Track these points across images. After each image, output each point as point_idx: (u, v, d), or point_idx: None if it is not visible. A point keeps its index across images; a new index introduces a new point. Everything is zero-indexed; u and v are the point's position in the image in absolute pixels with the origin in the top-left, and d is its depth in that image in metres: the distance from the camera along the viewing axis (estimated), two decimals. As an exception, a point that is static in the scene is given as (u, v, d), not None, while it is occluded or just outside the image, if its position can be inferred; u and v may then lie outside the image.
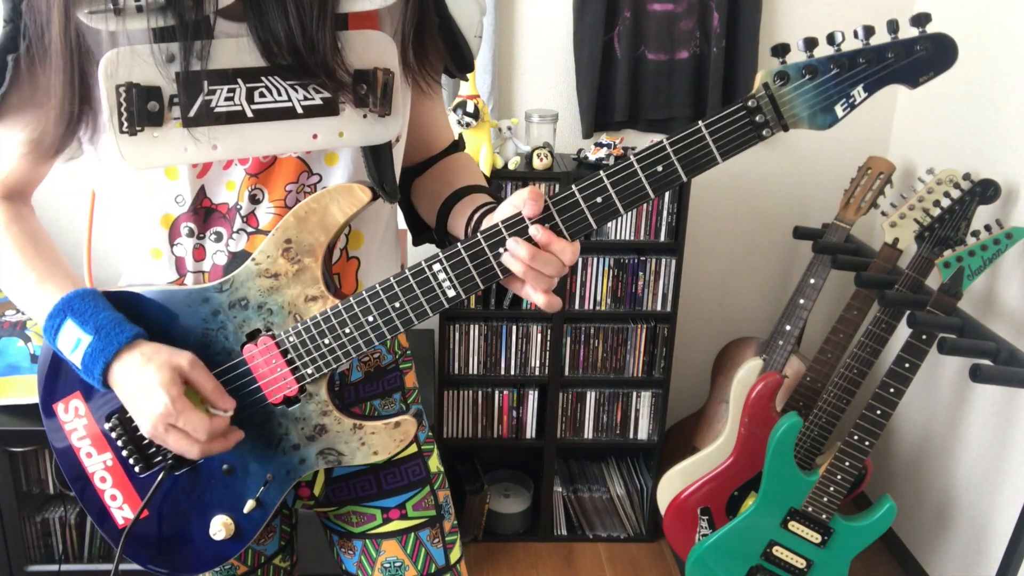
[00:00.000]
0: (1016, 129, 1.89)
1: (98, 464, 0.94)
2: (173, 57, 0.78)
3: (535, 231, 0.80)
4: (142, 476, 0.93)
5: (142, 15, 0.76)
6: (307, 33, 0.79)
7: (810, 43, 0.75)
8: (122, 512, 0.95)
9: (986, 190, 1.75)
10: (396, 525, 1.05)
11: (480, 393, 2.27)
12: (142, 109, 0.78)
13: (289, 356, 0.88)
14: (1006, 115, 1.92)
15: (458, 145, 1.08)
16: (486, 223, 0.87)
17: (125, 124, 0.78)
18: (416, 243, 1.10)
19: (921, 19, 0.74)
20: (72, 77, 0.78)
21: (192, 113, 0.80)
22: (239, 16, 0.80)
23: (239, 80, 0.81)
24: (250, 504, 0.92)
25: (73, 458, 0.94)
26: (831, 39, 0.75)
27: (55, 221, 2.25)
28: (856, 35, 0.75)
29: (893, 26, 0.75)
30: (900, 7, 2.30)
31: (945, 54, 0.74)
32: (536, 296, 0.83)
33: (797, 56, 0.76)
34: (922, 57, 0.74)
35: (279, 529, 1.10)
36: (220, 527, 0.93)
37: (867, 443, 1.75)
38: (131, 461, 0.92)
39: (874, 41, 0.75)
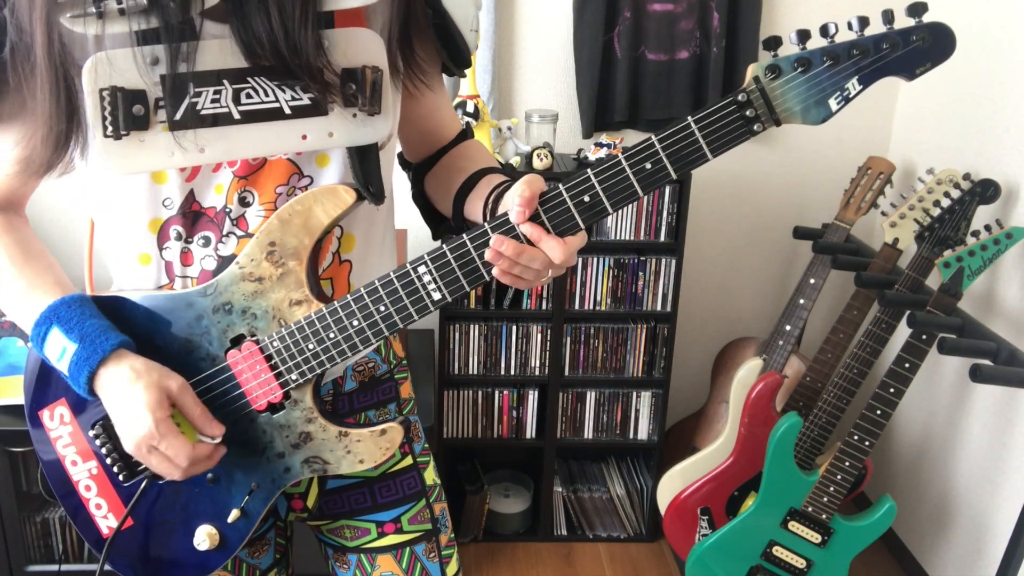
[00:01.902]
0: (1016, 129, 1.89)
1: (83, 472, 0.92)
2: (157, 60, 0.77)
3: (526, 229, 0.79)
4: (126, 485, 0.92)
5: (124, 18, 0.74)
6: (290, 35, 0.77)
7: (803, 35, 0.73)
8: (107, 521, 0.93)
9: (986, 190, 1.74)
10: (391, 539, 1.03)
11: (480, 393, 2.27)
12: (127, 113, 0.77)
13: (273, 361, 0.87)
14: (1006, 115, 1.92)
15: (466, 134, 1.06)
16: (501, 207, 0.86)
17: (109, 128, 0.77)
18: (436, 236, 1.08)
19: (918, 8, 0.72)
20: (59, 95, 0.77)
21: (178, 116, 0.78)
22: (223, 17, 0.79)
23: (225, 82, 0.79)
24: (235, 514, 0.91)
25: (58, 466, 0.93)
26: (824, 31, 0.73)
27: (56, 222, 2.26)
28: (850, 26, 0.73)
29: (888, 16, 0.72)
30: (899, 7, 2.30)
31: (943, 44, 0.72)
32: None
33: (790, 49, 0.74)
34: (919, 47, 0.72)
35: (273, 542, 1.07)
36: (204, 537, 0.91)
37: (867, 443, 1.75)
38: (115, 469, 0.91)
39: (869, 32, 0.73)
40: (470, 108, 1.99)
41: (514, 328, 2.21)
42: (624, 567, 2.34)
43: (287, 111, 0.82)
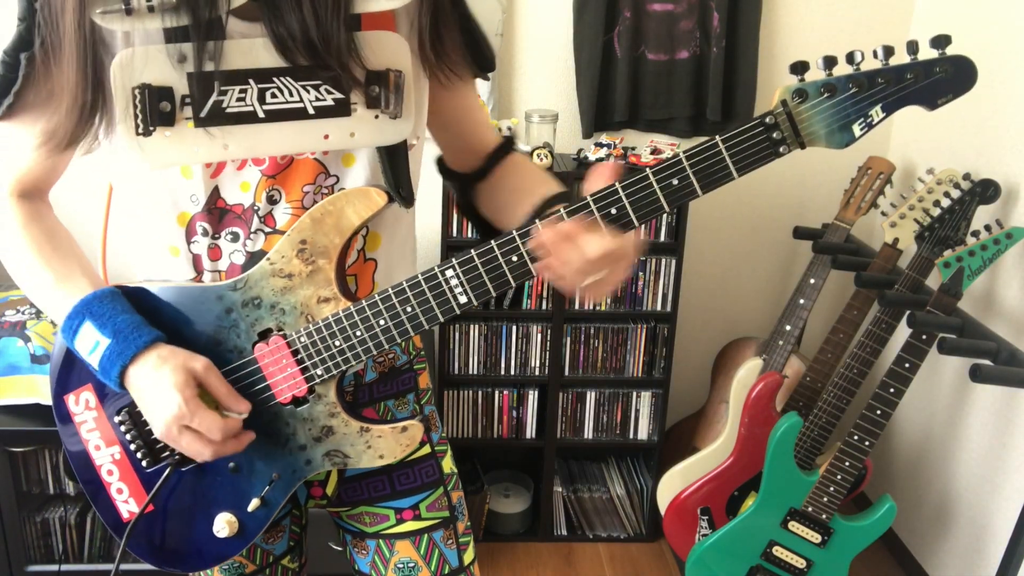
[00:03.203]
0: (1016, 129, 1.89)
1: (106, 457, 0.94)
2: (185, 57, 0.78)
3: (567, 225, 0.79)
4: (149, 471, 0.94)
5: (154, 15, 0.76)
6: (322, 27, 0.79)
7: (829, 61, 0.76)
8: (127, 506, 0.95)
9: (986, 190, 1.75)
10: (410, 526, 1.05)
11: (480, 393, 2.27)
12: (154, 109, 0.79)
13: (299, 356, 0.89)
14: (1006, 115, 1.92)
15: (511, 144, 1.07)
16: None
17: (141, 127, 0.79)
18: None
19: (941, 41, 0.74)
20: (85, 66, 0.79)
21: (204, 113, 0.80)
22: (252, 16, 0.81)
23: (251, 81, 0.81)
24: (255, 503, 0.93)
25: (81, 450, 0.95)
26: (850, 58, 0.76)
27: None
28: (876, 55, 0.75)
29: (913, 47, 0.75)
30: (900, 7, 2.30)
31: (965, 77, 0.74)
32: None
33: (817, 75, 0.77)
34: (941, 79, 0.75)
35: (288, 529, 1.10)
36: (224, 524, 0.93)
37: (867, 443, 1.75)
38: (139, 455, 0.93)
39: (893, 61, 0.75)
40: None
41: (514, 328, 2.21)
42: (624, 567, 2.34)
43: (310, 111, 0.84)
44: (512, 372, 2.26)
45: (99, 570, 2.09)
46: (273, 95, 0.82)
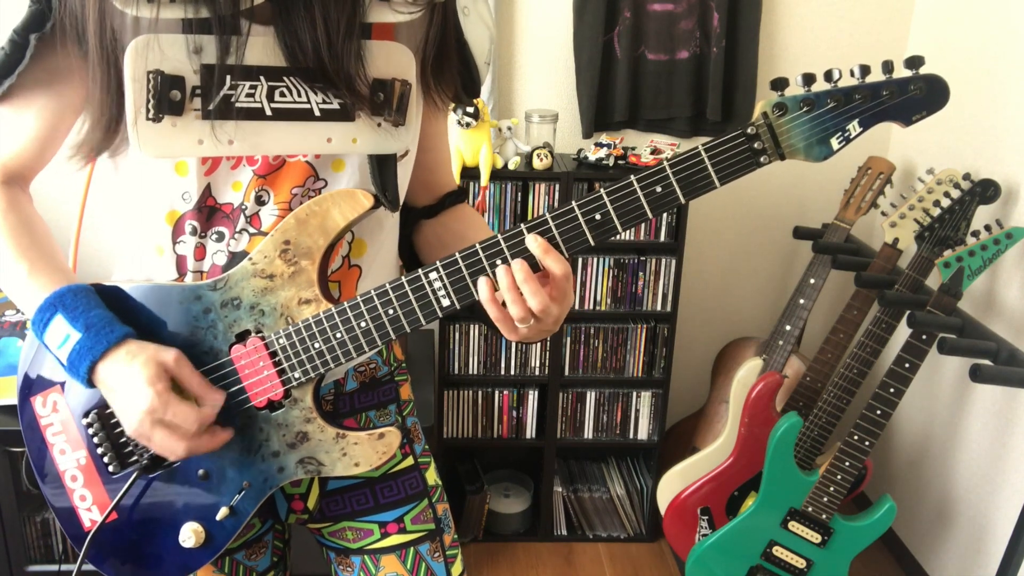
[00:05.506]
0: (1016, 129, 1.89)
1: (71, 462, 0.92)
2: (201, 49, 0.78)
3: (532, 240, 0.81)
4: (115, 477, 0.91)
5: (176, 5, 0.76)
6: (333, 45, 0.80)
7: (808, 78, 0.79)
8: (90, 514, 0.92)
9: (986, 190, 1.75)
10: (395, 540, 1.03)
11: (480, 393, 2.27)
12: (164, 97, 0.79)
13: (277, 358, 0.87)
14: (1006, 115, 1.92)
15: (463, 193, 1.08)
16: None
17: (152, 112, 0.79)
18: None
19: (915, 61, 0.78)
20: (110, 83, 0.79)
21: (212, 106, 0.80)
22: (267, 19, 0.81)
23: (262, 78, 0.81)
24: (223, 512, 0.90)
25: (46, 455, 0.93)
26: (828, 76, 0.79)
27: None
28: (852, 73, 0.79)
29: (888, 66, 0.79)
30: (900, 7, 2.30)
31: (938, 94, 0.78)
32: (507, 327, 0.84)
33: (797, 91, 0.80)
34: (915, 97, 0.77)
35: (271, 545, 1.07)
36: (190, 534, 0.90)
37: (867, 443, 1.75)
38: (105, 460, 0.91)
39: (870, 79, 0.78)
40: (470, 108, 1.99)
41: (514, 328, 2.21)
42: (624, 567, 2.34)
43: (316, 113, 0.84)
44: (512, 372, 2.26)
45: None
46: (282, 94, 0.82)
